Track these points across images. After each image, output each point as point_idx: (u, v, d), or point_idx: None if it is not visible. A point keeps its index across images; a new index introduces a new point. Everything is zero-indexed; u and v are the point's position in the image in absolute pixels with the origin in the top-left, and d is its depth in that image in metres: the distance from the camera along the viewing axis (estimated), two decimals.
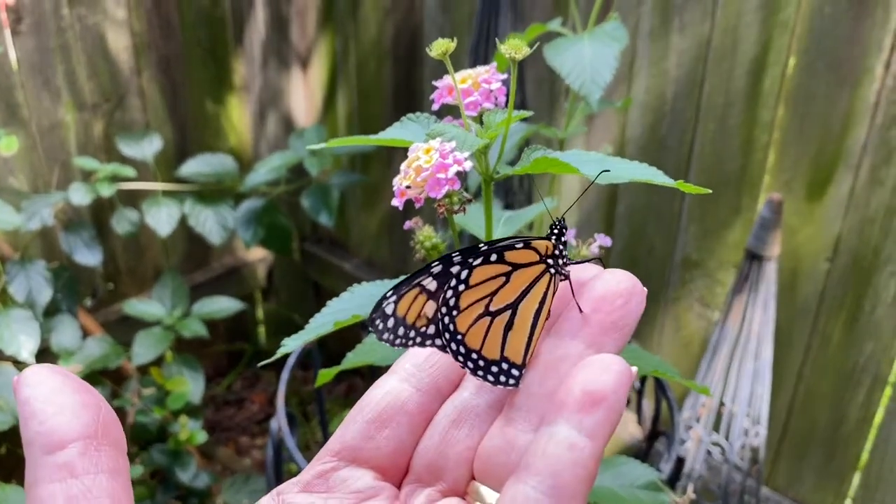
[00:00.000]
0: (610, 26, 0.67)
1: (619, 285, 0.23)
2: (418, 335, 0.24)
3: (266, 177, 1.17)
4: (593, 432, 0.19)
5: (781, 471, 0.98)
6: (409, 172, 0.29)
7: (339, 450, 0.24)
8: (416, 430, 0.24)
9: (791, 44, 0.83)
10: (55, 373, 0.21)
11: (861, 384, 0.88)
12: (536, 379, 0.23)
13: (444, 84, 0.33)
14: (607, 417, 0.19)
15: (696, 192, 0.28)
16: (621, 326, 0.22)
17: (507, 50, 0.29)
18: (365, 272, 1.38)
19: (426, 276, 0.24)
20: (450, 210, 0.30)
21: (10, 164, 1.12)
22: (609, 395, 0.19)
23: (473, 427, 0.23)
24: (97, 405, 0.21)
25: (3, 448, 1.15)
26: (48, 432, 0.20)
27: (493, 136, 0.31)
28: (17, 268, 1.05)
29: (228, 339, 1.51)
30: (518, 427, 0.22)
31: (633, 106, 0.96)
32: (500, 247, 0.24)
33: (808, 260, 0.88)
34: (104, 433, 0.21)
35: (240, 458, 1.36)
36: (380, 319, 0.24)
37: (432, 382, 0.25)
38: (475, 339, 0.24)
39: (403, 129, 0.34)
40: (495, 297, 0.24)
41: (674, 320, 1.02)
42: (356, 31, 1.23)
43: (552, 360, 0.23)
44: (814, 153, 0.84)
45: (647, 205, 0.99)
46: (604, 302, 0.22)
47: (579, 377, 0.20)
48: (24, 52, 1.09)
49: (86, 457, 0.20)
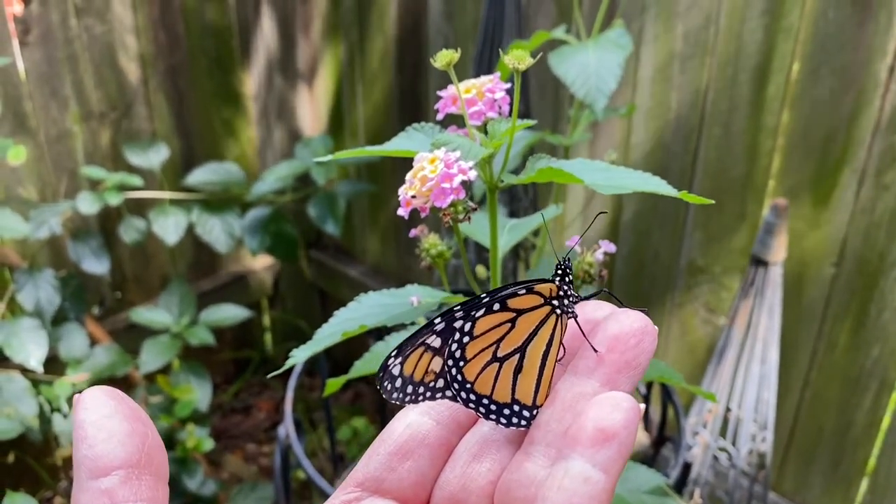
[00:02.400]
0: (614, 33, 0.67)
1: (632, 325, 0.23)
2: (427, 390, 0.25)
3: (272, 185, 1.18)
4: (606, 466, 0.20)
5: (789, 476, 0.98)
6: (415, 182, 0.30)
7: (363, 480, 0.25)
8: (437, 463, 0.25)
9: (795, 49, 0.83)
10: (110, 398, 0.22)
11: (868, 389, 0.88)
12: (554, 416, 0.24)
13: (449, 94, 0.34)
14: (619, 452, 0.20)
15: (700, 203, 0.28)
16: (635, 366, 0.23)
17: (510, 60, 0.29)
18: (371, 279, 1.38)
19: (429, 334, 0.25)
20: (455, 219, 0.31)
21: (18, 174, 1.12)
22: (620, 431, 0.20)
23: (494, 461, 0.24)
24: (144, 433, 0.22)
25: (11, 456, 1.16)
26: (95, 457, 0.21)
27: (498, 145, 0.32)
28: (25, 276, 1.05)
29: (235, 347, 1.52)
30: (537, 462, 0.23)
31: (638, 113, 0.96)
32: (503, 296, 0.25)
33: (813, 265, 0.88)
34: (147, 462, 0.22)
35: (247, 465, 1.36)
36: (388, 381, 0.25)
37: (452, 416, 0.25)
38: (485, 385, 0.25)
39: (408, 139, 0.34)
40: (502, 343, 0.25)
41: (679, 326, 1.02)
42: (361, 41, 1.24)
43: (569, 398, 0.24)
44: (819, 158, 0.85)
45: (653, 211, 0.99)
46: (618, 342, 0.23)
47: (592, 414, 0.21)
48: (33, 62, 1.09)
49: (127, 485, 0.21)
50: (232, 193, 1.21)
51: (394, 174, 1.28)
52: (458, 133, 0.33)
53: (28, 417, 0.99)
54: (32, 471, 1.18)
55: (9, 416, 0.98)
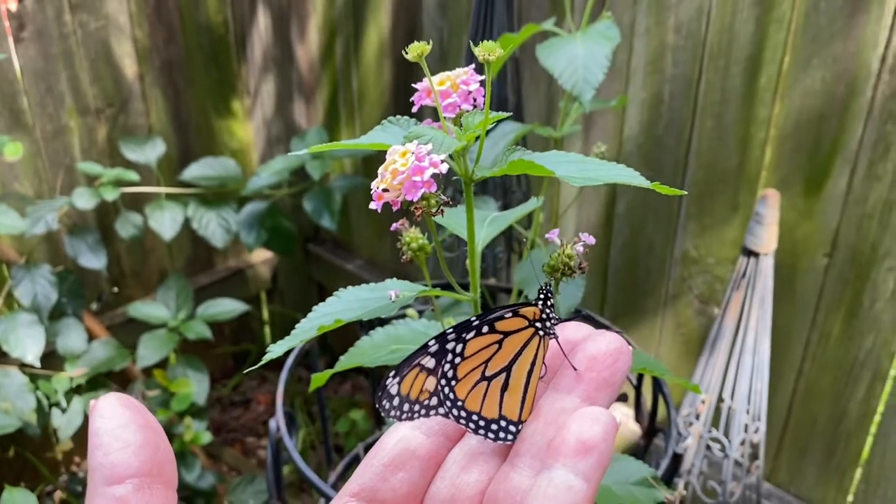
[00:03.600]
0: (602, 25, 0.67)
1: (608, 346, 0.25)
2: (423, 408, 0.27)
3: (268, 180, 1.18)
4: (588, 475, 0.22)
5: (783, 466, 0.98)
6: (386, 176, 0.30)
7: (358, 490, 0.26)
8: (428, 473, 0.26)
9: (787, 40, 0.83)
10: (126, 407, 0.23)
11: (861, 379, 0.88)
12: (538, 430, 0.25)
13: (424, 86, 0.34)
14: (599, 462, 0.22)
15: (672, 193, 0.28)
16: (612, 383, 0.25)
17: (480, 52, 0.29)
18: (368, 272, 1.39)
19: (424, 356, 0.27)
20: (427, 213, 0.31)
21: (15, 170, 1.13)
22: (600, 443, 0.22)
23: (482, 472, 0.26)
24: (156, 444, 0.23)
25: (11, 451, 1.16)
26: (110, 465, 0.22)
27: (471, 137, 0.32)
28: (22, 272, 1.06)
29: (234, 341, 1.52)
30: (522, 473, 0.25)
31: (631, 104, 0.96)
32: (491, 319, 0.26)
33: (806, 256, 0.88)
34: (158, 471, 0.23)
35: (246, 458, 1.37)
36: (386, 400, 0.27)
37: (441, 430, 0.27)
38: (474, 402, 0.26)
39: (384, 132, 0.34)
40: (490, 363, 0.27)
41: (674, 317, 1.02)
42: (356, 34, 1.24)
43: (552, 413, 0.25)
44: (811, 149, 0.84)
45: (646, 203, 1.00)
46: (595, 361, 0.25)
47: (573, 427, 0.22)
48: (28, 58, 1.10)
49: (139, 493, 0.22)
50: (228, 188, 1.22)
51: None
52: (433, 126, 0.33)
53: (26, 412, 1.00)
54: (32, 465, 1.19)
55: (7, 411, 0.99)
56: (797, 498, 0.97)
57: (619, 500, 0.53)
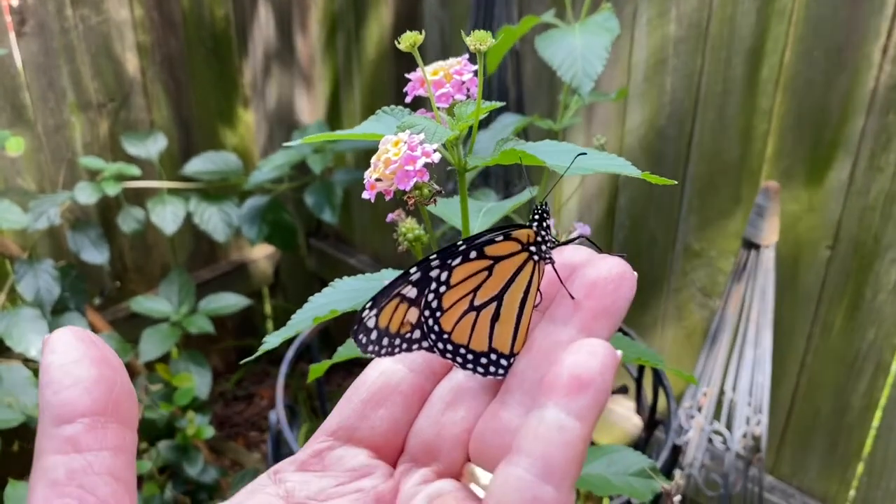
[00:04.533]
0: (602, 17, 0.67)
1: (610, 271, 0.23)
2: (404, 342, 0.25)
3: (270, 174, 1.18)
4: (581, 415, 0.20)
5: (785, 459, 0.98)
6: (379, 165, 0.30)
7: (335, 429, 0.25)
8: (411, 410, 0.25)
9: (789, 31, 0.82)
10: (80, 340, 0.21)
11: (864, 372, 0.88)
12: (531, 364, 0.23)
13: (417, 76, 0.34)
14: (595, 400, 0.20)
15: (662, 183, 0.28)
16: (612, 312, 0.23)
17: (472, 42, 0.29)
18: (370, 267, 1.39)
19: (405, 285, 0.24)
20: (420, 202, 0.31)
21: (17, 165, 1.13)
22: (596, 378, 0.20)
23: (469, 409, 0.24)
24: (112, 380, 0.21)
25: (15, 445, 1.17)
26: (59, 404, 0.21)
27: (464, 127, 0.32)
28: (25, 267, 1.06)
29: (237, 335, 1.53)
30: (512, 410, 0.23)
31: (632, 97, 0.96)
32: (479, 243, 0.24)
33: (808, 248, 0.88)
34: (114, 409, 0.21)
35: (249, 452, 1.37)
36: (363, 334, 0.24)
37: (426, 363, 0.25)
38: (462, 334, 0.24)
39: (378, 122, 0.34)
40: (479, 292, 0.24)
41: (676, 310, 1.02)
42: (357, 28, 1.24)
43: (545, 346, 0.23)
44: (813, 141, 0.84)
45: (648, 195, 0.99)
46: (595, 288, 0.23)
47: (567, 362, 0.20)
48: (29, 53, 1.10)
49: (91, 433, 0.21)
50: (229, 183, 1.22)
51: None
52: (426, 116, 0.33)
53: (30, 407, 1.00)
54: None
55: (10, 405, 0.99)
56: (799, 490, 0.97)
57: (617, 490, 0.53)
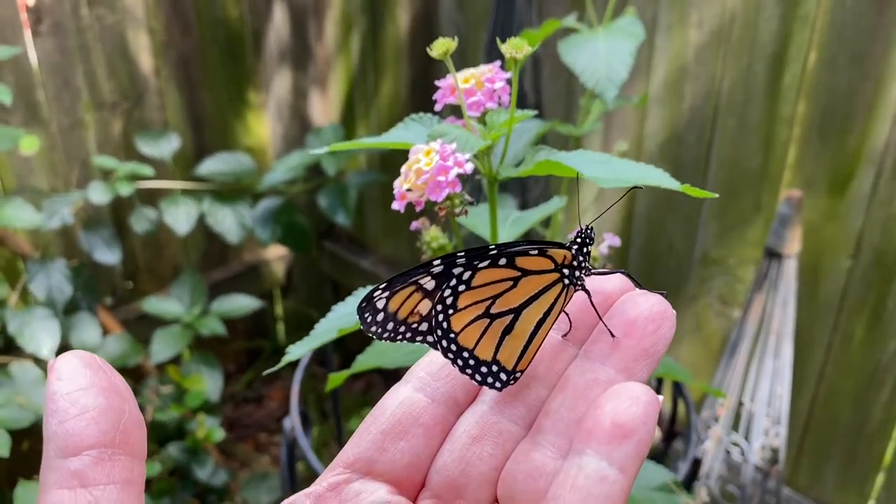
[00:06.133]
0: (626, 21, 0.66)
1: (651, 310, 0.22)
2: (409, 330, 0.24)
3: (284, 176, 1.18)
4: (624, 465, 0.19)
5: (803, 471, 0.97)
6: (410, 175, 0.29)
7: (353, 461, 0.23)
8: (433, 443, 0.23)
9: (812, 38, 0.81)
10: (87, 367, 0.20)
11: (884, 383, 0.87)
12: (566, 403, 0.22)
13: (447, 84, 0.33)
14: (637, 450, 0.19)
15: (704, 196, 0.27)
16: (652, 353, 0.22)
17: (507, 49, 0.29)
18: (383, 269, 1.38)
19: (425, 275, 0.24)
20: (451, 213, 0.30)
21: (30, 164, 1.13)
22: (639, 427, 0.19)
23: (496, 445, 0.23)
24: (121, 409, 0.20)
25: (25, 444, 1.16)
26: (65, 435, 0.20)
27: (496, 136, 0.31)
28: (37, 266, 1.06)
29: (248, 336, 1.52)
30: (545, 452, 0.22)
31: (652, 102, 0.95)
32: (512, 252, 0.23)
33: (829, 257, 0.86)
34: (122, 440, 0.20)
35: (258, 454, 1.36)
36: (369, 312, 0.24)
37: (448, 393, 0.24)
38: (469, 338, 0.24)
39: (407, 130, 0.33)
40: (499, 300, 0.24)
41: (693, 318, 1.01)
42: (373, 30, 1.23)
43: (582, 385, 0.22)
44: (835, 149, 0.83)
45: (667, 201, 0.98)
46: (635, 327, 0.22)
47: (608, 407, 0.19)
48: (44, 52, 1.09)
49: (99, 466, 0.20)
50: (243, 184, 1.21)
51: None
52: (457, 124, 0.32)
53: (40, 407, 1.00)
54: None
55: (22, 405, 0.98)
56: (817, 503, 0.96)
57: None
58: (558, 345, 0.24)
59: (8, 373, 0.98)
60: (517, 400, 0.23)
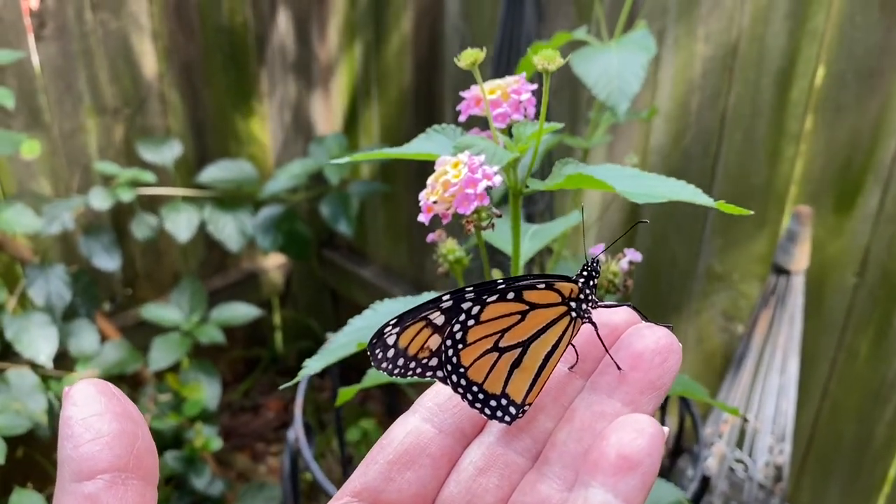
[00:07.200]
0: (638, 34, 0.66)
1: (658, 343, 0.22)
2: (419, 366, 0.24)
3: (285, 184, 1.17)
4: (630, 497, 0.19)
5: (806, 488, 0.96)
6: (437, 187, 0.28)
7: (360, 490, 0.23)
8: (440, 474, 0.24)
9: (820, 53, 0.81)
10: (101, 394, 0.21)
11: (889, 401, 0.86)
12: (572, 435, 0.22)
13: (472, 95, 0.32)
14: (643, 482, 0.19)
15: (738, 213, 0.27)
16: (659, 386, 0.22)
17: (539, 60, 0.28)
18: (383, 280, 1.37)
19: (434, 311, 0.24)
20: (478, 226, 0.29)
21: (31, 169, 1.12)
22: (645, 459, 0.19)
23: (503, 477, 0.23)
24: (134, 434, 0.21)
25: (20, 451, 1.15)
26: (79, 459, 0.20)
27: (524, 149, 0.31)
28: (36, 271, 1.05)
29: (246, 345, 1.51)
30: (551, 484, 0.22)
31: (658, 115, 0.94)
32: (520, 286, 0.24)
33: (835, 274, 0.86)
34: (135, 465, 0.21)
35: (255, 464, 1.35)
36: (380, 349, 0.24)
37: (455, 424, 0.24)
38: (479, 372, 0.24)
39: (429, 140, 0.33)
40: (507, 334, 0.24)
41: (696, 333, 1.00)
42: (377, 39, 1.23)
43: (588, 417, 0.22)
44: (842, 165, 0.83)
45: (670, 215, 0.98)
46: (642, 360, 0.22)
47: (614, 439, 0.19)
48: (47, 56, 1.09)
49: (112, 490, 0.20)
50: (245, 191, 1.21)
51: (408, 175, 1.27)
52: (482, 136, 0.32)
53: (37, 413, 0.99)
54: (41, 467, 1.18)
55: (18, 411, 0.97)
56: None
57: None
58: (565, 377, 0.24)
59: (5, 379, 0.97)
60: (524, 432, 0.24)
